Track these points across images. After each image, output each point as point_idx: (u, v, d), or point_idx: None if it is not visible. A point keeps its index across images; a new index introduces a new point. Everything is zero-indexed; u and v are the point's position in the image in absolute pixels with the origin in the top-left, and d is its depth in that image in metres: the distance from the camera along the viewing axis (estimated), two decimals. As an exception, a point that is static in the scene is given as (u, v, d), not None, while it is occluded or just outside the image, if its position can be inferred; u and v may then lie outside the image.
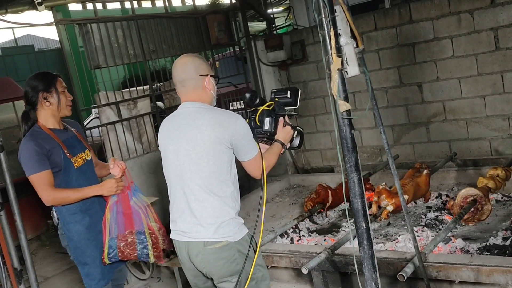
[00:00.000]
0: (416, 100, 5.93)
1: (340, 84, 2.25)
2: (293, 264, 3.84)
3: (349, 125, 2.30)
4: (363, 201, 2.35)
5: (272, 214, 5.60)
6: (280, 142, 2.77)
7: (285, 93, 2.81)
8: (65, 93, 3.06)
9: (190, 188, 2.51)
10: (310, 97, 6.82)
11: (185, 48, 6.31)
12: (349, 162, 2.32)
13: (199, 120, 2.50)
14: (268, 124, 2.73)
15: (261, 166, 2.58)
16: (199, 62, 2.62)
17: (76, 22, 5.24)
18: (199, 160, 2.48)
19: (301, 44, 6.61)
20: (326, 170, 6.83)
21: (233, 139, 2.49)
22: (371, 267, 2.38)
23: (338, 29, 2.22)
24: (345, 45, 2.26)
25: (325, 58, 2.25)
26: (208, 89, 2.62)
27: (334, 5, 2.21)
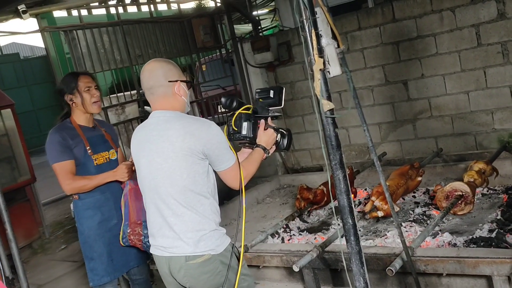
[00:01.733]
0: (402, 98, 6.01)
1: (322, 84, 2.31)
2: (284, 263, 3.89)
3: (332, 124, 2.35)
4: (349, 198, 2.40)
5: (263, 215, 5.63)
6: (262, 147, 2.63)
7: (268, 92, 2.68)
8: (89, 91, 3.14)
9: (166, 202, 2.40)
10: (298, 97, 6.87)
11: (171, 52, 6.35)
12: (334, 160, 2.37)
13: (169, 130, 2.37)
14: (246, 128, 2.59)
15: (238, 176, 2.46)
16: (168, 68, 2.47)
17: (61, 29, 5.26)
18: (173, 174, 2.35)
19: (287, 45, 6.66)
20: (315, 169, 6.88)
21: (206, 149, 2.35)
22: (359, 262, 2.43)
23: (319, 30, 2.27)
24: (326, 46, 2.31)
25: (307, 59, 2.30)
26: (179, 96, 2.46)
27: (315, 7, 2.26)
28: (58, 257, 6.38)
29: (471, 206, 4.26)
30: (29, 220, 6.69)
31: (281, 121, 7.14)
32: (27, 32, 4.94)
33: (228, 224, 5.51)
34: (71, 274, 5.59)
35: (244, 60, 7.03)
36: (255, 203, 6.06)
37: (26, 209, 6.67)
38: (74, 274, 5.57)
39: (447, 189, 4.26)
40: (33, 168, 6.89)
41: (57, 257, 6.38)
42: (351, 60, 6.01)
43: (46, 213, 7.60)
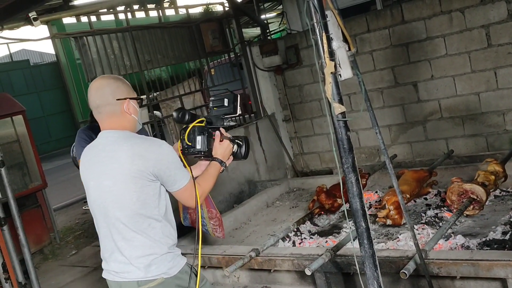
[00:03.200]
0: (412, 99, 5.98)
1: (334, 87, 2.29)
2: (295, 267, 3.87)
3: (344, 127, 2.34)
4: (361, 201, 2.39)
5: (273, 218, 5.62)
6: (218, 160, 2.52)
7: (222, 101, 2.58)
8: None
9: (116, 227, 2.29)
10: (306, 100, 6.87)
11: (180, 57, 6.38)
12: (346, 163, 2.36)
13: (118, 151, 2.25)
14: (200, 142, 2.48)
15: (194, 195, 2.35)
16: (116, 85, 2.35)
17: (72, 35, 5.29)
18: (122, 197, 2.25)
19: (295, 49, 6.67)
20: (325, 173, 6.87)
21: (156, 170, 2.24)
22: (373, 266, 2.42)
23: (330, 33, 2.27)
24: (337, 49, 2.30)
25: (318, 62, 2.30)
26: (128, 114, 2.35)
27: (325, 10, 2.26)
28: (68, 262, 6.40)
29: (479, 212, 4.25)
30: (40, 226, 6.73)
31: (290, 124, 7.14)
32: (38, 39, 4.99)
33: (238, 228, 5.52)
34: (82, 280, 5.62)
35: (253, 63, 7.05)
36: (264, 206, 6.05)
37: (37, 214, 6.72)
38: (85, 280, 5.60)
39: (466, 187, 4.20)
40: (44, 174, 6.94)
41: (68, 262, 6.41)
42: (360, 63, 5.97)
43: (56, 218, 7.64)
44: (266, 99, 7.14)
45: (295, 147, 7.24)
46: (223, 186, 6.17)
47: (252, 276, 4.36)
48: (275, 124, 7.11)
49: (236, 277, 4.44)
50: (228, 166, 2.61)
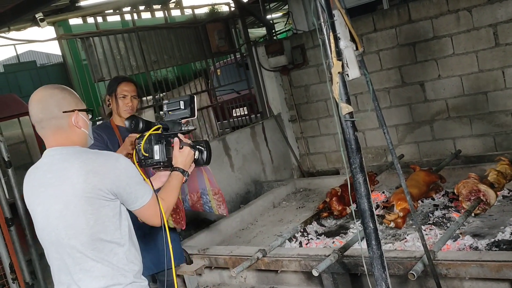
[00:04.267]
0: (419, 99, 5.95)
1: (341, 87, 2.29)
2: (302, 267, 3.85)
3: (352, 127, 2.33)
4: (369, 201, 2.38)
5: (280, 219, 5.61)
6: (180, 169, 2.30)
7: (177, 104, 2.37)
8: (125, 98, 3.29)
9: (72, 256, 1.99)
10: (312, 100, 6.85)
11: (186, 58, 6.38)
12: (353, 164, 2.35)
13: (68, 170, 1.96)
14: (158, 152, 2.26)
15: (158, 212, 2.12)
16: (61, 96, 2.07)
17: (78, 36, 5.30)
18: (76, 222, 1.96)
19: (301, 49, 6.65)
20: (331, 173, 6.85)
21: (115, 187, 1.99)
22: (381, 267, 2.40)
23: (337, 33, 2.26)
24: (344, 49, 2.29)
25: (325, 62, 2.29)
26: (77, 128, 2.08)
27: (332, 9, 2.25)
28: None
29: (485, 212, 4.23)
30: (47, 226, 6.74)
31: (296, 124, 7.13)
32: (45, 40, 5.00)
33: (245, 229, 5.51)
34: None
35: (259, 63, 7.04)
36: (271, 207, 6.04)
37: (44, 215, 6.72)
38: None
39: (481, 188, 4.15)
40: (51, 175, 6.96)
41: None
42: (367, 62, 5.88)
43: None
44: (272, 99, 7.13)
45: (301, 147, 7.22)
46: (229, 187, 6.17)
47: (259, 277, 4.35)
48: (281, 124, 7.10)
49: (243, 278, 4.43)
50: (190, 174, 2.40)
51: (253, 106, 7.61)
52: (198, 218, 5.65)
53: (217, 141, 6.26)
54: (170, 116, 2.38)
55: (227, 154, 6.26)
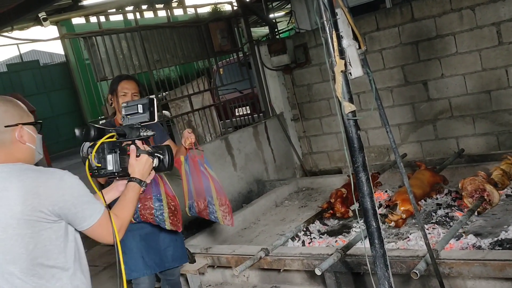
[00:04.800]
0: (422, 98, 5.94)
1: (344, 85, 2.28)
2: (305, 266, 3.85)
3: (355, 126, 2.33)
4: (372, 200, 2.37)
5: (282, 218, 5.61)
6: (137, 180, 2.13)
7: (135, 107, 2.21)
8: (125, 96, 3.23)
9: (10, 282, 1.85)
10: (315, 99, 6.85)
11: (189, 57, 6.38)
12: (356, 162, 2.35)
13: (8, 190, 1.81)
14: (111, 162, 2.08)
15: (111, 230, 1.95)
16: (3, 109, 1.92)
17: (81, 35, 5.30)
18: (15, 246, 1.81)
19: (304, 48, 6.64)
20: (334, 172, 6.84)
21: (58, 208, 1.84)
22: (383, 266, 2.40)
23: (340, 31, 2.26)
24: (347, 47, 2.29)
25: (328, 60, 2.28)
26: (21, 143, 1.93)
27: (335, 8, 2.24)
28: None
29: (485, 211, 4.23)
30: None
31: (299, 123, 7.12)
32: (48, 39, 5.01)
33: (247, 228, 5.51)
34: (93, 278, 5.60)
35: (261, 63, 7.03)
36: (273, 206, 6.04)
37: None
38: (96, 279, 5.61)
39: (487, 188, 4.13)
40: (54, 174, 6.98)
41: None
42: (369, 61, 5.86)
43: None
44: (275, 98, 7.12)
45: (303, 146, 7.22)
46: (232, 186, 6.17)
47: (261, 276, 4.36)
48: (283, 124, 7.09)
49: (246, 277, 4.43)
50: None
51: (256, 105, 7.61)
52: (200, 217, 5.65)
53: (220, 140, 6.26)
54: (129, 120, 2.23)
55: (230, 154, 6.26)
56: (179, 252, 3.50)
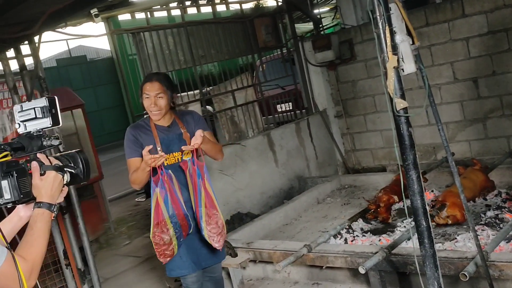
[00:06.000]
0: (471, 96, 5.77)
1: (396, 82, 2.25)
2: (348, 264, 3.82)
3: (406, 123, 2.29)
4: (422, 199, 2.33)
5: (324, 215, 5.58)
6: (45, 205, 1.68)
7: (32, 110, 1.76)
8: (148, 99, 3.16)
9: None
10: (359, 96, 6.76)
11: (233, 53, 6.41)
12: (407, 160, 2.31)
13: None
14: (7, 190, 1.64)
15: (16, 275, 1.51)
16: None
17: (130, 31, 5.41)
18: None
19: (349, 43, 6.57)
20: (377, 170, 6.75)
21: None
22: (433, 266, 2.36)
23: (393, 26, 2.22)
24: (400, 43, 2.25)
25: (380, 56, 2.25)
26: None
27: (389, 2, 2.21)
28: (122, 252, 6.59)
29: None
30: (96, 216, 6.95)
31: (342, 120, 7.06)
32: (99, 35, 5.15)
33: (289, 224, 5.51)
34: (135, 269, 5.78)
35: (305, 59, 7.00)
36: (315, 203, 6.01)
37: (93, 205, 6.94)
38: (138, 269, 5.75)
39: None
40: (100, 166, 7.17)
41: (122, 252, 6.60)
42: (416, 58, 5.84)
43: (110, 209, 7.88)
44: (318, 94, 7.08)
45: (346, 143, 7.15)
46: (273, 182, 6.18)
47: (303, 272, 4.35)
48: (326, 120, 7.04)
49: (287, 273, 4.44)
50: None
51: (298, 101, 7.58)
52: (242, 212, 5.69)
53: (262, 136, 6.27)
54: (27, 127, 1.78)
55: (272, 150, 6.27)
56: (217, 251, 3.34)
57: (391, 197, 4.73)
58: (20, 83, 4.33)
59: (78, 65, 20.80)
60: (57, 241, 4.43)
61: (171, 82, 3.29)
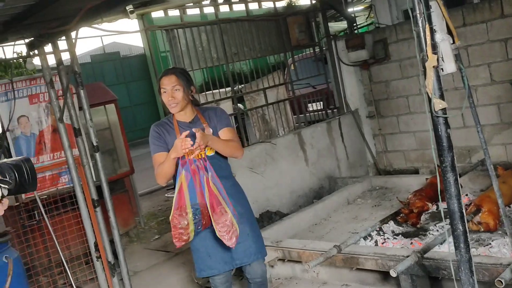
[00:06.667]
0: (509, 99, 5.61)
1: (435, 81, 2.19)
2: (379, 266, 3.77)
3: (444, 124, 2.23)
4: (459, 202, 2.27)
5: (354, 216, 5.52)
6: None
7: None
8: (165, 93, 3.15)
9: None
10: (393, 97, 6.66)
11: (266, 51, 6.40)
12: (444, 162, 2.25)
13: None
14: None
15: None
16: None
17: (164, 28, 5.46)
18: None
19: (383, 43, 6.47)
20: (409, 172, 6.63)
21: None
22: (468, 271, 2.29)
23: (433, 25, 2.17)
24: (440, 42, 2.19)
25: (419, 55, 2.20)
26: None
27: (430, 0, 2.16)
28: (152, 246, 6.67)
29: None
30: (127, 210, 7.04)
31: (375, 121, 6.96)
32: (134, 31, 5.22)
33: (318, 224, 5.47)
34: (164, 264, 5.83)
35: (338, 58, 6.93)
36: (345, 203, 5.96)
37: (124, 199, 7.03)
38: (167, 264, 5.80)
39: None
40: (132, 161, 7.26)
41: (152, 246, 6.67)
42: (453, 58, 5.70)
43: (140, 204, 7.98)
44: (350, 94, 7.00)
45: (378, 144, 7.05)
46: (303, 181, 6.15)
47: (331, 273, 4.31)
48: (358, 120, 6.96)
49: (316, 273, 4.40)
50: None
51: (330, 101, 7.52)
52: (271, 210, 5.68)
53: (293, 134, 6.24)
54: None
55: (302, 148, 6.24)
56: (253, 247, 3.25)
57: (425, 204, 4.62)
58: (57, 77, 4.42)
59: (112, 61, 21.14)
60: (88, 234, 4.50)
61: (188, 76, 3.25)
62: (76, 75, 4.04)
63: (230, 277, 3.40)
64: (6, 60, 6.19)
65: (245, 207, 3.34)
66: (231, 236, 2.99)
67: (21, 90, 5.53)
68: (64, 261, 4.70)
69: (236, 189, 3.34)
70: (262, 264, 3.39)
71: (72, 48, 4.02)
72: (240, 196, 3.34)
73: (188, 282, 5.02)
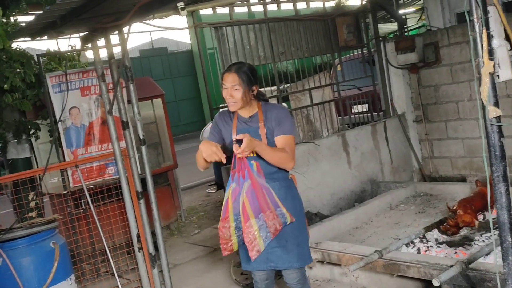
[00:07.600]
0: None
1: (490, 88, 2.13)
2: (421, 275, 3.69)
3: (498, 132, 2.17)
4: (510, 214, 2.20)
5: (397, 222, 5.41)
6: None
7: None
8: (226, 90, 3.14)
9: None
10: (442, 101, 6.49)
11: (313, 51, 6.37)
12: (496, 172, 2.19)
13: None
14: None
15: None
16: None
17: (213, 25, 5.52)
18: None
19: (434, 46, 6.31)
20: (456, 180, 6.45)
21: None
22: (517, 286, 2.21)
23: (490, 30, 2.10)
24: (497, 48, 2.13)
25: (475, 61, 2.14)
26: None
27: (488, 5, 2.09)
28: (192, 240, 6.76)
29: None
30: (168, 203, 7.17)
31: (422, 125, 6.80)
32: (183, 28, 5.31)
33: (359, 227, 5.40)
34: (203, 258, 5.91)
35: (386, 60, 6.82)
36: (388, 208, 5.85)
37: (167, 192, 7.16)
38: (206, 258, 5.87)
39: None
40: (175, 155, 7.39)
41: (191, 240, 6.77)
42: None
43: (182, 198, 8.11)
44: (397, 97, 6.87)
45: (424, 150, 6.89)
46: (345, 183, 6.08)
47: (371, 278, 4.25)
48: (404, 124, 6.82)
49: (355, 277, 4.36)
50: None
51: (375, 103, 7.40)
52: (311, 211, 5.65)
53: (337, 136, 6.19)
54: None
55: (345, 151, 6.17)
56: (289, 255, 3.17)
57: (473, 221, 4.47)
58: (108, 71, 4.53)
59: (159, 56, 21.58)
60: (131, 225, 4.61)
61: (251, 74, 3.16)
62: (127, 69, 4.13)
63: (272, 275, 3.37)
64: (61, 52, 6.41)
65: (291, 211, 3.16)
66: (253, 248, 3.01)
67: (74, 82, 5.72)
68: (107, 250, 4.83)
69: (284, 191, 3.24)
70: (298, 271, 3.28)
71: (123, 43, 4.11)
72: (288, 200, 3.22)
73: (226, 278, 5.07)
